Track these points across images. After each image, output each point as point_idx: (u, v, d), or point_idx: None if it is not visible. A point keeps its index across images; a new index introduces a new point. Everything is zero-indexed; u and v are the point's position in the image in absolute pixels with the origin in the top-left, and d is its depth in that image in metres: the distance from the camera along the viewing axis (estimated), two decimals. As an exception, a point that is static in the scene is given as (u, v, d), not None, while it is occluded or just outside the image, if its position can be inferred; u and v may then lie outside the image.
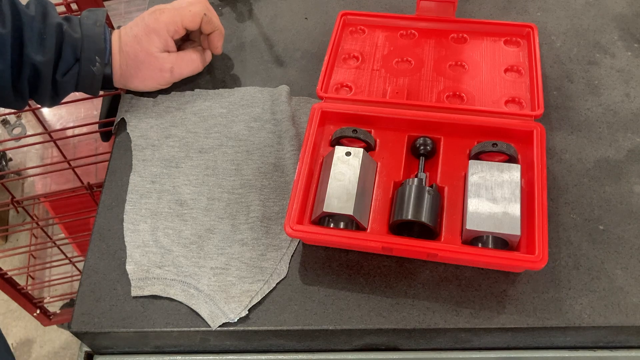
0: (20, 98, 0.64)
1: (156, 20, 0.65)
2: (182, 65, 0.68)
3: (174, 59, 0.67)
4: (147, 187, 0.63)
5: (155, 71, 0.67)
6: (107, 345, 0.57)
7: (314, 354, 0.56)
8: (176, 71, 0.68)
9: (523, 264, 0.51)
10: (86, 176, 1.15)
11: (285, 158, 0.63)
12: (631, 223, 0.57)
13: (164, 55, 0.66)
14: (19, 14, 0.60)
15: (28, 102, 0.66)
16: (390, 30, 0.71)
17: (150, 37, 0.65)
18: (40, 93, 0.64)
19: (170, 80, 0.69)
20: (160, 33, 0.65)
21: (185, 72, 0.69)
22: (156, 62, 0.66)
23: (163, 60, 0.66)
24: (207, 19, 0.68)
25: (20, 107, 0.66)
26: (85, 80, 0.64)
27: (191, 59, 0.69)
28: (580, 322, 0.52)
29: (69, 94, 0.67)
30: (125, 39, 0.66)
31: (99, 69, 0.64)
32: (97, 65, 0.64)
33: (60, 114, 1.30)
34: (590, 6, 0.76)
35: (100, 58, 0.64)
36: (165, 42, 0.66)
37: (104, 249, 0.59)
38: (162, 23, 0.65)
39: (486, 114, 0.60)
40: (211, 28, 0.69)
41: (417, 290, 0.54)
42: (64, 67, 0.63)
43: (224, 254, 0.57)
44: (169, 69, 0.67)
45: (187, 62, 0.69)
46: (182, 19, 0.66)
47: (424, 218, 0.53)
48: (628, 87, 0.67)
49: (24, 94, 0.64)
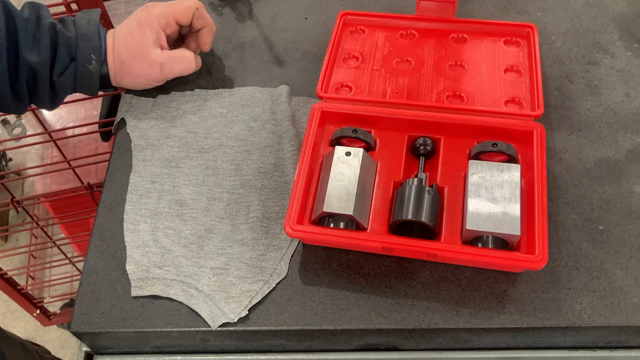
0: (20, 102, 0.64)
1: (148, 14, 0.66)
2: (173, 62, 0.68)
3: (165, 56, 0.67)
4: (147, 187, 0.63)
5: (146, 67, 0.66)
6: (107, 345, 0.57)
7: (314, 354, 0.56)
8: (166, 68, 0.67)
9: (523, 264, 0.51)
10: (86, 176, 1.15)
11: (285, 158, 0.63)
12: (631, 223, 0.57)
13: (156, 50, 0.66)
14: (12, 17, 0.61)
15: (28, 106, 0.66)
16: (390, 30, 0.71)
17: (143, 30, 0.65)
18: (39, 95, 0.64)
19: (161, 77, 0.68)
20: (152, 26, 0.65)
21: (176, 69, 0.68)
22: (147, 57, 0.66)
23: (154, 55, 0.66)
24: (198, 14, 0.68)
25: (21, 112, 0.66)
26: (83, 79, 0.64)
27: (183, 57, 0.68)
28: (580, 322, 0.52)
29: (67, 95, 0.67)
30: (120, 35, 0.66)
31: (96, 67, 0.64)
32: (93, 63, 0.64)
33: (60, 114, 1.30)
34: (590, 6, 0.76)
35: (96, 56, 0.64)
36: (157, 35, 0.66)
37: (104, 249, 0.59)
38: (154, 16, 0.66)
39: (486, 114, 0.61)
40: (202, 23, 0.69)
41: (417, 290, 0.54)
42: (60, 67, 0.63)
43: (224, 254, 0.57)
44: (159, 64, 0.66)
45: (178, 59, 0.68)
46: (174, 11, 0.66)
47: (424, 218, 0.53)
48: (628, 87, 0.67)
49: (24, 98, 0.64)
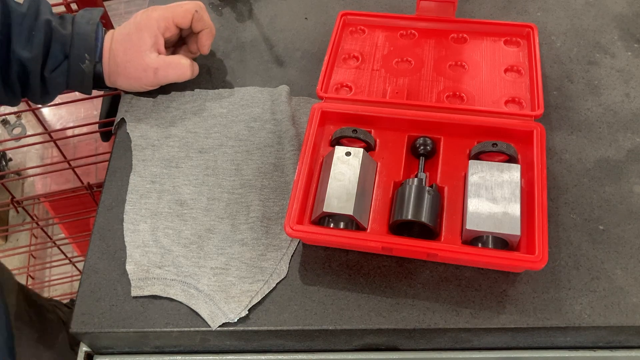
0: (12, 94, 0.65)
1: (148, 17, 0.65)
2: (168, 68, 0.66)
3: (160, 61, 0.66)
4: (147, 187, 0.63)
5: (140, 71, 0.66)
6: (107, 345, 0.57)
7: (314, 354, 0.56)
8: (160, 73, 0.66)
9: (523, 264, 0.51)
10: (86, 176, 1.15)
11: (285, 158, 0.63)
12: (631, 223, 0.57)
13: (152, 55, 0.65)
14: (8, 12, 0.61)
15: (21, 99, 0.67)
16: (390, 30, 0.71)
17: (141, 34, 0.65)
18: (31, 89, 0.65)
19: (154, 82, 0.67)
20: (151, 29, 0.65)
21: (170, 75, 0.67)
22: (142, 61, 0.65)
23: (149, 60, 0.65)
24: (198, 16, 0.67)
25: (14, 104, 0.67)
26: (75, 77, 0.65)
27: (178, 63, 0.67)
28: (580, 322, 0.52)
29: (60, 91, 0.67)
30: (118, 37, 0.66)
31: (89, 66, 0.64)
32: (86, 62, 0.64)
33: (60, 114, 1.30)
34: (590, 6, 0.76)
35: (90, 55, 0.64)
36: (155, 38, 0.65)
37: (104, 249, 0.59)
38: (153, 19, 0.65)
39: (486, 114, 0.61)
40: (201, 26, 0.68)
41: (417, 290, 0.54)
42: (52, 63, 0.63)
43: (224, 254, 0.57)
44: (154, 69, 0.66)
45: (173, 66, 0.67)
46: (174, 15, 0.66)
47: (424, 218, 0.53)
48: (628, 87, 0.67)
49: (15, 91, 0.64)
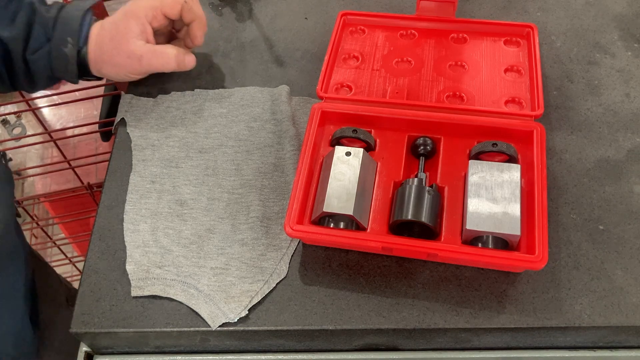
0: None
1: (136, 5, 0.65)
2: (153, 56, 0.66)
3: (145, 49, 0.65)
4: (147, 187, 0.63)
5: (124, 57, 0.65)
6: (107, 345, 0.57)
7: (314, 354, 0.56)
8: (144, 61, 0.66)
9: (523, 264, 0.51)
10: (86, 176, 1.15)
11: (285, 158, 0.63)
12: (631, 223, 0.57)
13: (139, 42, 0.65)
14: None
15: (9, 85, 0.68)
16: (390, 30, 0.71)
17: (129, 21, 0.65)
18: (15, 72, 0.66)
19: (140, 70, 0.67)
20: (138, 17, 0.65)
21: (154, 63, 0.67)
22: (127, 48, 0.65)
23: (135, 47, 0.65)
24: (187, 7, 0.67)
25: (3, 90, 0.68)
26: (58, 61, 0.65)
27: (163, 52, 0.66)
28: (580, 322, 0.52)
29: (44, 75, 0.67)
30: (106, 25, 0.66)
31: (72, 50, 0.64)
32: (69, 46, 0.64)
33: (60, 114, 1.30)
34: (590, 6, 0.76)
35: (72, 39, 0.64)
36: (143, 27, 0.65)
37: (104, 249, 0.59)
38: (141, 8, 0.65)
39: (486, 114, 0.60)
40: (191, 17, 0.68)
41: (417, 290, 0.54)
42: (34, 45, 0.64)
43: (224, 254, 0.57)
44: (138, 57, 0.65)
45: (158, 55, 0.66)
46: (162, 4, 0.66)
47: (424, 218, 0.53)
48: (628, 87, 0.67)
49: (2, 74, 0.66)
